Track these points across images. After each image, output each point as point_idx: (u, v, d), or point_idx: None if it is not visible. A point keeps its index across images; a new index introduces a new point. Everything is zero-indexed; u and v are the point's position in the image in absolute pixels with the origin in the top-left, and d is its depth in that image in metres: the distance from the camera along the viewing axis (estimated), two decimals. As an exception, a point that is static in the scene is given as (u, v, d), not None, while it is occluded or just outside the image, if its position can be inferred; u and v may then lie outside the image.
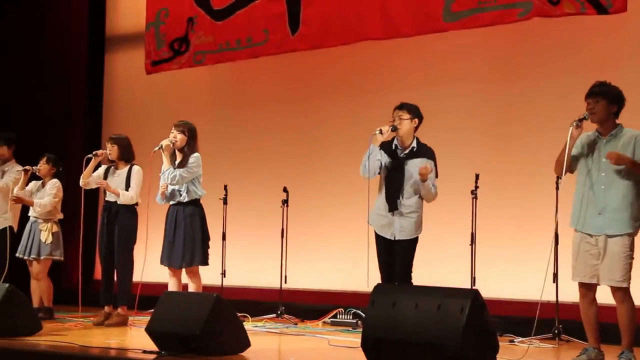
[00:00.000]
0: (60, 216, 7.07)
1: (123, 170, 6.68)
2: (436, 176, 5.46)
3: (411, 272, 5.41)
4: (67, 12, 9.50)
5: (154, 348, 4.70)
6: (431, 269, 6.23)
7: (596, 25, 6.27)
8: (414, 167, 5.38)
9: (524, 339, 5.66)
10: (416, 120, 5.46)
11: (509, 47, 6.89)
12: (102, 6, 9.62)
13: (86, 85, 9.52)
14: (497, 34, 6.77)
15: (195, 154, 6.12)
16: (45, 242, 6.91)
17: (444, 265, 6.66)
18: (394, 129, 5.40)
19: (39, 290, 7.00)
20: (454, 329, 3.75)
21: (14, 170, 7.14)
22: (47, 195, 6.98)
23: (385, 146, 5.46)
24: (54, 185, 7.02)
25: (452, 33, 6.75)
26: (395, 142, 5.49)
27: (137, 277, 6.36)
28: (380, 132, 5.33)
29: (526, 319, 5.99)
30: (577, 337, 5.54)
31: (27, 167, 6.98)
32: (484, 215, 6.23)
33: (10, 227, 7.15)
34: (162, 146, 6.09)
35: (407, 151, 5.45)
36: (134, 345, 5.05)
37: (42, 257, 6.91)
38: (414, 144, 5.45)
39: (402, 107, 5.47)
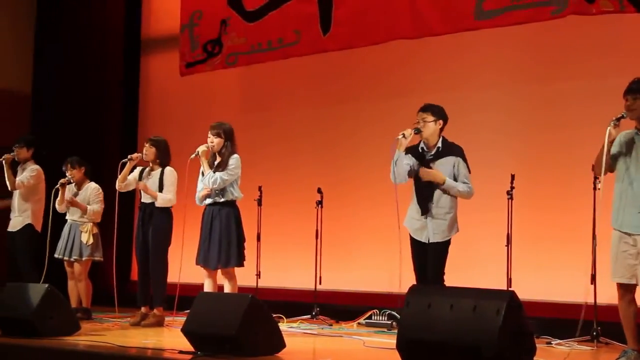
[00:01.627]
0: (99, 219, 7.20)
1: (156, 172, 6.73)
2: (469, 172, 5.43)
3: (443, 274, 5.39)
4: (104, 15, 9.62)
5: (190, 348, 4.74)
6: (467, 270, 6.20)
7: (637, 24, 6.17)
8: (440, 167, 5.38)
9: (561, 341, 5.60)
10: (441, 121, 5.44)
11: (544, 46, 6.82)
12: (138, 9, 9.73)
13: (122, 87, 9.63)
14: (532, 33, 6.70)
15: (235, 156, 6.12)
16: (86, 244, 7.04)
17: (480, 267, 6.61)
18: (418, 131, 5.39)
19: (78, 290, 7.11)
20: (490, 331, 3.72)
21: (29, 169, 7.31)
22: (93, 202, 7.13)
23: (412, 150, 5.47)
24: (98, 192, 7.19)
25: (488, 33, 6.70)
26: (421, 144, 5.49)
27: (174, 278, 6.42)
28: (404, 136, 5.32)
29: (564, 320, 5.93)
30: (616, 340, 5.45)
31: (63, 181, 7.10)
32: (520, 216, 6.18)
33: (31, 225, 7.27)
34: (198, 153, 6.12)
35: (433, 152, 5.44)
36: (170, 345, 5.09)
37: (83, 258, 7.04)
38: (439, 144, 5.43)
39: (426, 109, 5.45)
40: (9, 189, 7.31)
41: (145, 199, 6.71)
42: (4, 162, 7.20)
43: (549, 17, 6.23)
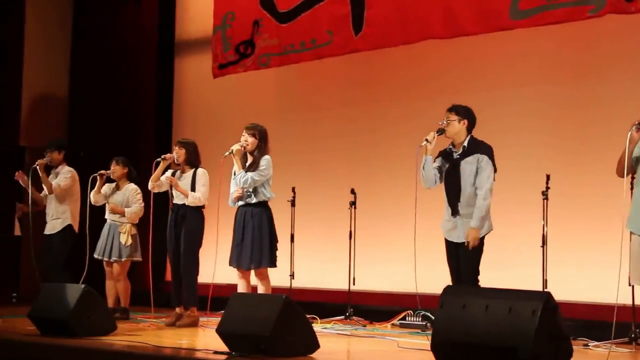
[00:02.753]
0: (137, 219, 7.27)
1: (188, 174, 6.77)
2: (494, 170, 5.39)
3: (478, 274, 5.36)
4: (139, 20, 9.73)
5: (225, 349, 4.76)
6: (502, 271, 6.15)
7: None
8: (467, 165, 5.37)
9: (598, 343, 5.52)
10: (465, 121, 5.45)
11: (579, 47, 6.73)
12: (172, 13, 9.83)
13: (156, 89, 9.73)
14: (569, 31, 6.61)
15: (266, 157, 6.16)
16: (125, 245, 7.11)
17: (515, 268, 6.56)
18: (441, 132, 5.42)
19: (117, 290, 7.18)
20: (525, 332, 3.69)
21: (64, 171, 7.43)
22: (132, 202, 7.20)
23: (443, 152, 5.51)
24: (137, 192, 7.24)
25: (520, 33, 6.63)
26: (450, 145, 5.49)
27: (208, 279, 6.45)
28: (427, 141, 5.37)
29: (601, 322, 5.84)
30: (655, 341, 5.38)
31: (102, 172, 7.19)
32: (556, 216, 6.10)
33: (71, 226, 7.37)
34: (232, 151, 6.15)
35: (459, 151, 5.44)
36: (205, 345, 5.12)
37: (123, 259, 7.11)
38: (466, 143, 5.42)
39: (451, 109, 5.49)
40: (47, 193, 7.41)
41: (178, 200, 6.75)
42: (38, 167, 7.30)
43: (587, 17, 6.13)
